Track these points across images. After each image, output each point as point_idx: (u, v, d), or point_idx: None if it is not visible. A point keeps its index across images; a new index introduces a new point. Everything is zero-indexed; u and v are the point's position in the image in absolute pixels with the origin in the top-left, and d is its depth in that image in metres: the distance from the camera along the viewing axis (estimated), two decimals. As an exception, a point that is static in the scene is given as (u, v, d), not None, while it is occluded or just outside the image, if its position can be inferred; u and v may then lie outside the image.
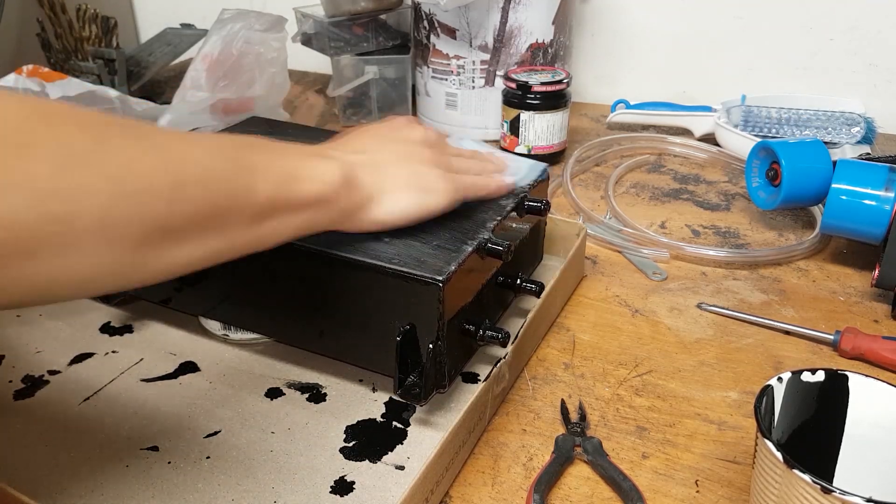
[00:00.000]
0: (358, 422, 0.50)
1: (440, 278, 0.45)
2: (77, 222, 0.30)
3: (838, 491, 0.33)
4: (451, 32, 0.94)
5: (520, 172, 0.59)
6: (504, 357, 0.50)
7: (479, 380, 0.54)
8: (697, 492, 0.45)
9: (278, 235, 0.41)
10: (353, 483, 0.45)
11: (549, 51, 0.96)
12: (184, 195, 0.34)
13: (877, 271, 0.62)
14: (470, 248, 0.48)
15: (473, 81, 0.97)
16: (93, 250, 0.31)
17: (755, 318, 0.61)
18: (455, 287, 0.46)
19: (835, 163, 0.67)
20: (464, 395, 0.52)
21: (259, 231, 0.40)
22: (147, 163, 0.33)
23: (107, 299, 0.58)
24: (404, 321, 0.47)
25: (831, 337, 0.57)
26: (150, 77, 1.12)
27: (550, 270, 0.64)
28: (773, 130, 0.92)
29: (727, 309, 0.62)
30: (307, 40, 1.04)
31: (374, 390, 0.53)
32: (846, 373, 0.41)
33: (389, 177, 0.48)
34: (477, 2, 0.90)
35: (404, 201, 0.49)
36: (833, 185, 0.65)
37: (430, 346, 0.47)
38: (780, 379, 0.41)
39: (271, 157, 0.41)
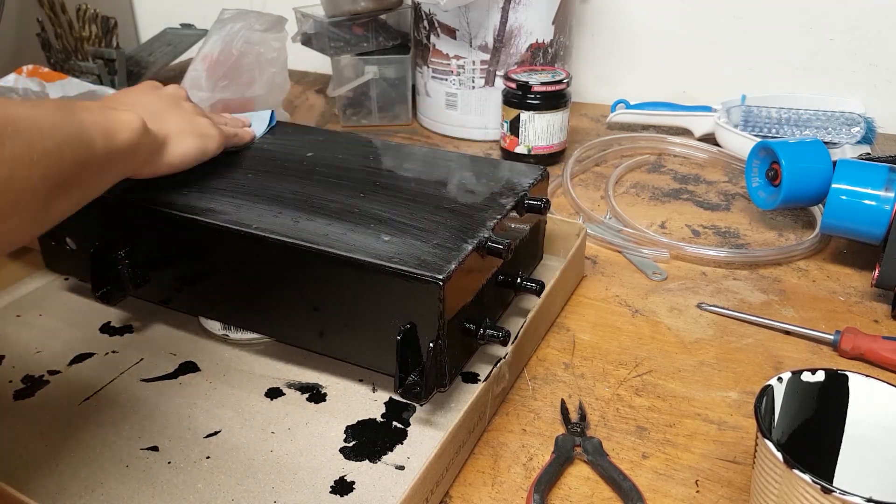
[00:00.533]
0: (358, 422, 0.50)
1: (441, 277, 0.45)
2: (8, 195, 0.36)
3: (838, 491, 0.33)
4: (451, 32, 0.94)
5: (255, 124, 0.69)
6: (504, 357, 0.50)
7: (479, 380, 0.54)
8: (697, 492, 0.45)
9: (108, 184, 0.46)
10: (353, 483, 0.45)
11: (549, 51, 0.96)
12: (62, 154, 0.40)
13: (877, 271, 0.62)
14: (470, 247, 0.48)
15: (473, 81, 0.97)
16: (16, 212, 0.37)
17: (755, 318, 0.61)
18: (455, 286, 0.46)
19: (835, 163, 0.67)
20: (464, 395, 0.52)
21: (100, 183, 0.45)
22: (32, 135, 0.37)
23: (107, 299, 0.58)
24: (404, 320, 0.47)
25: (831, 337, 0.57)
26: (150, 77, 1.11)
27: (550, 270, 0.64)
28: (773, 130, 0.92)
29: (727, 309, 0.62)
30: (307, 40, 1.04)
31: (374, 390, 0.53)
32: (846, 373, 0.41)
33: (172, 124, 0.54)
34: (477, 2, 0.90)
35: (187, 144, 0.55)
36: (833, 185, 0.65)
37: (431, 345, 0.47)
38: (780, 379, 0.41)
39: (85, 114, 0.44)
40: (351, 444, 0.49)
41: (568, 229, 0.67)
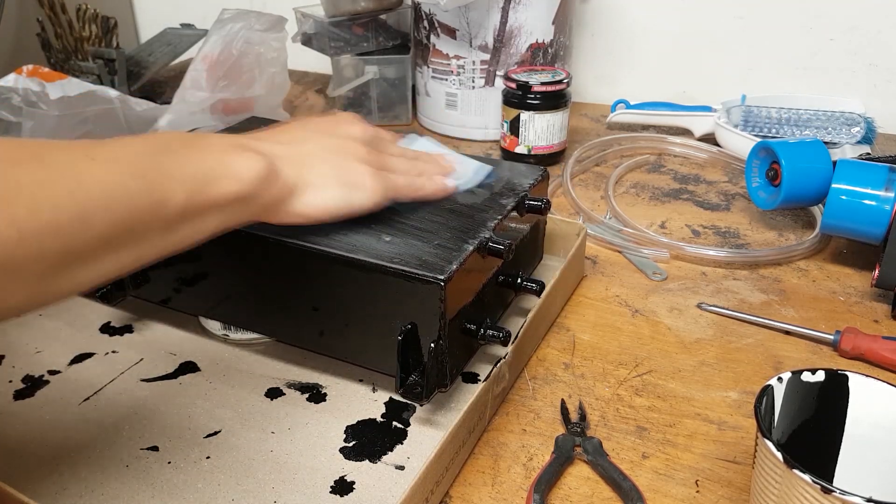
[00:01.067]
0: (358, 422, 0.50)
1: (442, 277, 0.45)
2: None
3: (838, 491, 0.33)
4: (451, 32, 0.94)
5: (465, 175, 0.58)
6: (504, 357, 0.50)
7: (479, 380, 0.54)
8: (697, 492, 0.45)
9: (195, 236, 0.41)
10: (353, 483, 0.45)
11: (549, 51, 0.96)
12: (90, 223, 0.34)
13: (877, 271, 0.62)
14: (471, 248, 0.48)
15: (473, 81, 0.97)
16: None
17: (755, 318, 0.61)
18: (456, 286, 0.46)
19: (835, 163, 0.67)
20: (464, 395, 0.52)
21: (174, 236, 0.40)
22: (49, 197, 0.33)
23: (107, 299, 0.58)
24: (405, 320, 0.47)
25: (831, 337, 0.57)
26: (150, 77, 1.11)
27: (550, 270, 0.64)
28: (773, 130, 0.92)
29: (727, 309, 0.62)
30: (307, 40, 1.04)
31: (374, 390, 0.53)
32: (846, 373, 0.41)
33: (314, 170, 0.47)
34: (477, 2, 0.90)
35: (328, 195, 0.48)
36: (833, 185, 0.65)
37: (432, 345, 0.47)
38: (780, 379, 0.41)
39: (186, 158, 0.40)
40: (351, 444, 0.49)
41: (568, 229, 0.67)
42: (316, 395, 0.53)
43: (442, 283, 0.45)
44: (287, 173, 0.45)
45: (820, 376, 0.41)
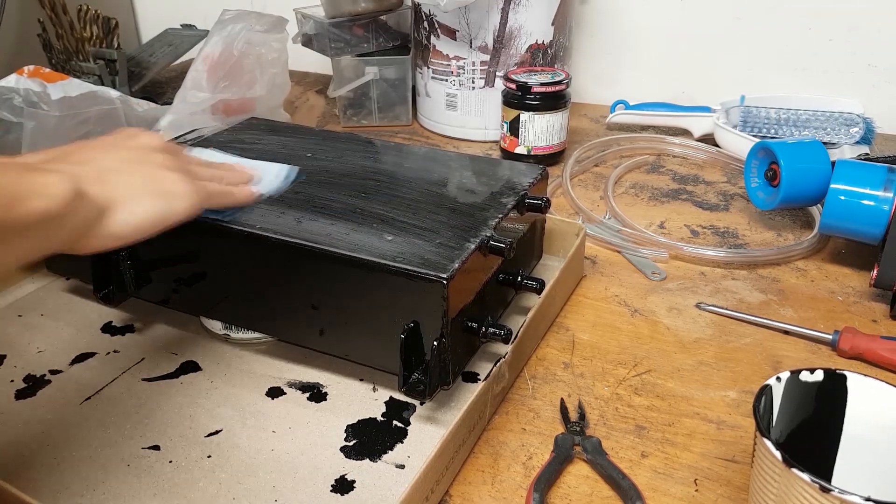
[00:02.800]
0: (358, 421, 0.51)
1: (444, 276, 0.45)
2: None
3: (837, 490, 0.33)
4: (451, 33, 0.95)
5: (268, 179, 0.57)
6: (504, 356, 0.51)
7: (479, 379, 0.54)
8: (696, 491, 0.45)
9: (3, 261, 0.37)
10: (353, 482, 0.46)
11: (549, 51, 0.96)
12: None
13: (875, 271, 0.62)
14: (473, 246, 0.49)
15: (473, 82, 0.97)
16: None
17: (754, 318, 0.61)
18: (459, 285, 0.46)
19: (833, 163, 0.67)
20: (464, 394, 0.53)
21: None
22: None
23: (109, 300, 0.58)
24: (408, 319, 0.47)
25: (830, 337, 0.58)
26: (151, 77, 1.12)
27: (550, 270, 0.64)
28: (772, 131, 0.92)
29: (726, 309, 0.63)
30: (308, 41, 1.05)
31: (374, 389, 0.54)
32: (845, 372, 0.41)
33: (121, 185, 0.43)
34: (477, 3, 0.90)
35: (141, 209, 0.44)
36: (832, 186, 0.65)
37: (435, 343, 0.47)
38: (778, 378, 0.41)
39: None
40: (351, 443, 0.49)
41: (567, 229, 0.67)
42: (317, 394, 0.53)
43: (444, 282, 0.45)
44: (93, 192, 0.41)
45: (818, 376, 0.42)
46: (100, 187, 0.42)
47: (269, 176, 0.58)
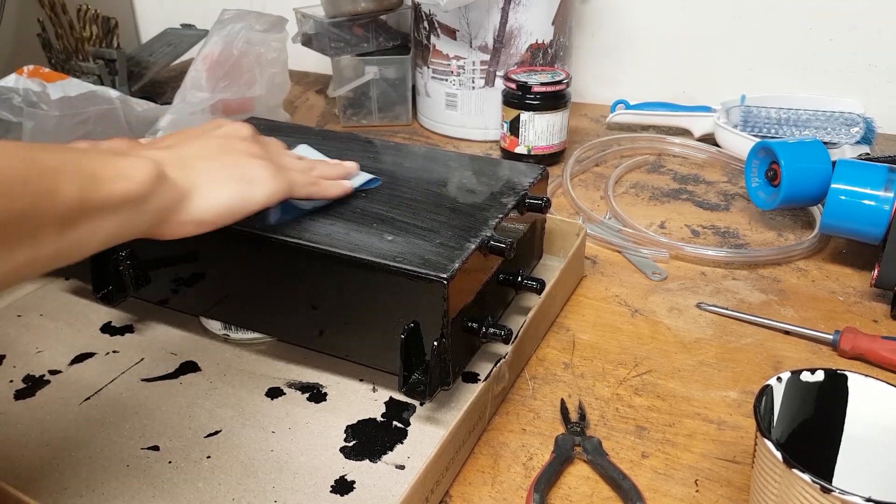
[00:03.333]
0: (358, 421, 0.51)
1: (445, 276, 0.45)
2: None
3: (837, 490, 0.33)
4: (451, 33, 0.94)
5: (356, 179, 0.58)
6: (504, 356, 0.51)
7: (480, 379, 0.54)
8: (697, 491, 0.45)
9: (89, 243, 0.38)
10: (353, 482, 0.46)
11: (549, 51, 0.96)
12: None
13: (876, 271, 0.62)
14: (473, 246, 0.48)
15: (473, 82, 0.97)
16: None
17: (754, 318, 0.61)
18: (459, 285, 0.46)
19: (834, 163, 0.67)
20: (464, 394, 0.53)
21: (68, 238, 0.37)
22: None
23: (108, 300, 0.58)
24: (408, 319, 0.47)
25: (830, 337, 0.58)
26: (150, 77, 1.12)
27: (550, 270, 0.64)
28: (773, 130, 0.92)
29: (726, 309, 0.63)
30: (307, 41, 1.04)
31: (374, 390, 0.53)
32: (845, 373, 0.41)
33: (203, 170, 0.45)
34: (477, 2, 0.90)
35: (222, 195, 0.45)
36: (832, 186, 0.65)
37: (435, 343, 0.47)
38: (779, 379, 0.41)
39: (71, 157, 0.38)
40: (351, 444, 0.49)
41: (568, 229, 0.67)
42: (316, 394, 0.53)
43: (445, 282, 0.45)
44: (175, 176, 0.43)
45: (819, 376, 0.41)
46: (182, 172, 0.43)
47: (361, 178, 0.58)
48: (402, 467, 0.47)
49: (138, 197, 0.40)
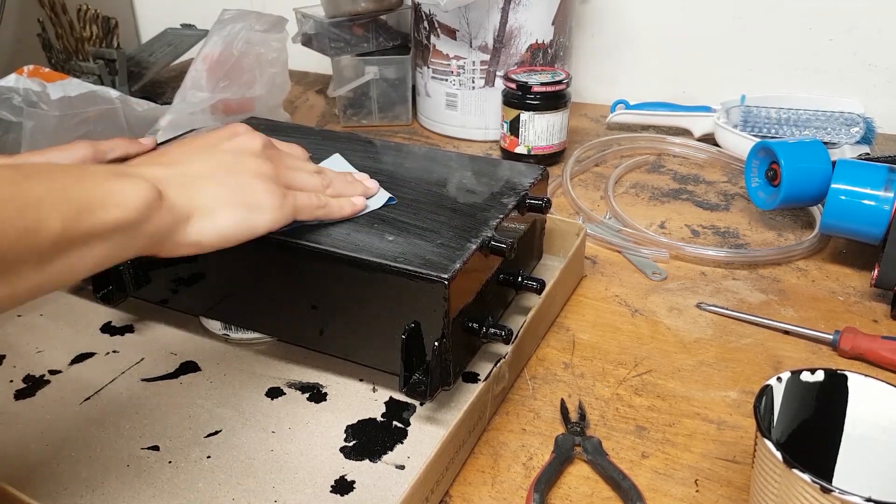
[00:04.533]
0: (358, 421, 0.51)
1: (446, 276, 0.45)
2: None
3: (837, 490, 0.33)
4: (452, 33, 0.94)
5: (374, 197, 0.55)
6: (504, 356, 0.51)
7: (480, 379, 0.54)
8: (697, 491, 0.45)
9: (74, 270, 0.37)
10: (353, 482, 0.46)
11: (549, 51, 0.96)
12: None
13: (876, 271, 0.62)
14: (474, 246, 0.48)
15: (473, 82, 0.97)
16: None
17: (754, 318, 0.61)
18: (460, 285, 0.46)
19: (834, 163, 0.67)
20: (464, 394, 0.53)
21: (51, 270, 0.35)
22: None
23: (108, 300, 0.58)
24: (409, 319, 0.47)
25: (830, 337, 0.58)
26: (150, 77, 1.12)
27: (550, 270, 0.64)
28: (773, 130, 0.92)
29: (726, 309, 0.63)
30: (307, 41, 1.04)
31: (374, 390, 0.53)
32: (845, 373, 0.41)
33: (206, 193, 0.43)
34: (477, 2, 0.90)
35: (223, 220, 0.43)
36: (832, 186, 0.65)
37: (436, 343, 0.47)
38: (779, 379, 0.41)
39: (61, 184, 0.36)
40: (351, 444, 0.49)
41: (568, 229, 0.67)
42: (316, 394, 0.53)
43: (445, 282, 0.45)
44: (175, 198, 0.41)
45: (819, 376, 0.41)
46: (183, 193, 0.42)
47: (379, 198, 0.55)
48: (402, 467, 0.47)
49: (132, 224, 0.38)
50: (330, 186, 0.52)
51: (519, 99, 0.87)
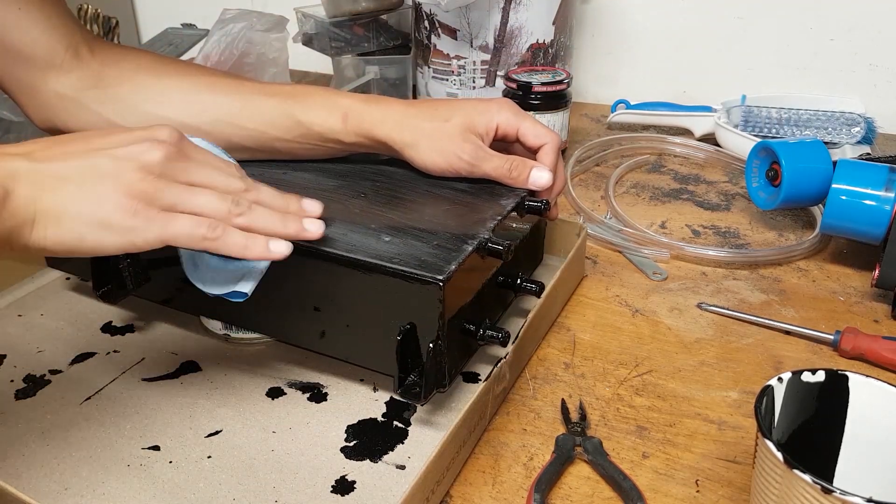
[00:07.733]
0: (359, 421, 0.51)
1: (441, 278, 0.45)
2: None
3: (838, 491, 0.33)
4: (452, 33, 0.94)
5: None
6: (505, 357, 0.51)
7: (480, 379, 0.54)
8: (697, 491, 0.45)
9: None
10: (353, 482, 0.46)
11: (550, 51, 0.96)
12: None
13: (877, 271, 0.62)
14: (470, 248, 0.48)
15: (474, 81, 0.97)
16: None
17: (755, 318, 0.61)
18: (455, 286, 0.46)
19: (835, 163, 0.67)
20: (464, 394, 0.53)
21: None
22: None
23: (108, 298, 0.58)
24: (404, 320, 0.47)
25: (831, 337, 0.57)
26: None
27: (551, 270, 0.64)
28: (773, 130, 0.92)
29: (727, 309, 0.63)
30: (308, 40, 1.04)
31: (374, 390, 0.53)
32: (846, 373, 0.41)
33: (58, 197, 0.40)
34: (478, 2, 0.90)
35: (65, 230, 0.40)
36: (833, 186, 0.65)
37: (431, 345, 0.47)
38: (780, 379, 0.41)
39: None
40: (352, 444, 0.49)
41: (568, 229, 0.67)
42: (317, 394, 0.53)
43: (441, 284, 0.45)
44: (22, 198, 0.39)
45: (820, 376, 0.41)
46: (33, 192, 0.39)
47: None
48: (402, 467, 0.47)
49: None
50: (243, 215, 0.44)
51: (520, 99, 0.87)
